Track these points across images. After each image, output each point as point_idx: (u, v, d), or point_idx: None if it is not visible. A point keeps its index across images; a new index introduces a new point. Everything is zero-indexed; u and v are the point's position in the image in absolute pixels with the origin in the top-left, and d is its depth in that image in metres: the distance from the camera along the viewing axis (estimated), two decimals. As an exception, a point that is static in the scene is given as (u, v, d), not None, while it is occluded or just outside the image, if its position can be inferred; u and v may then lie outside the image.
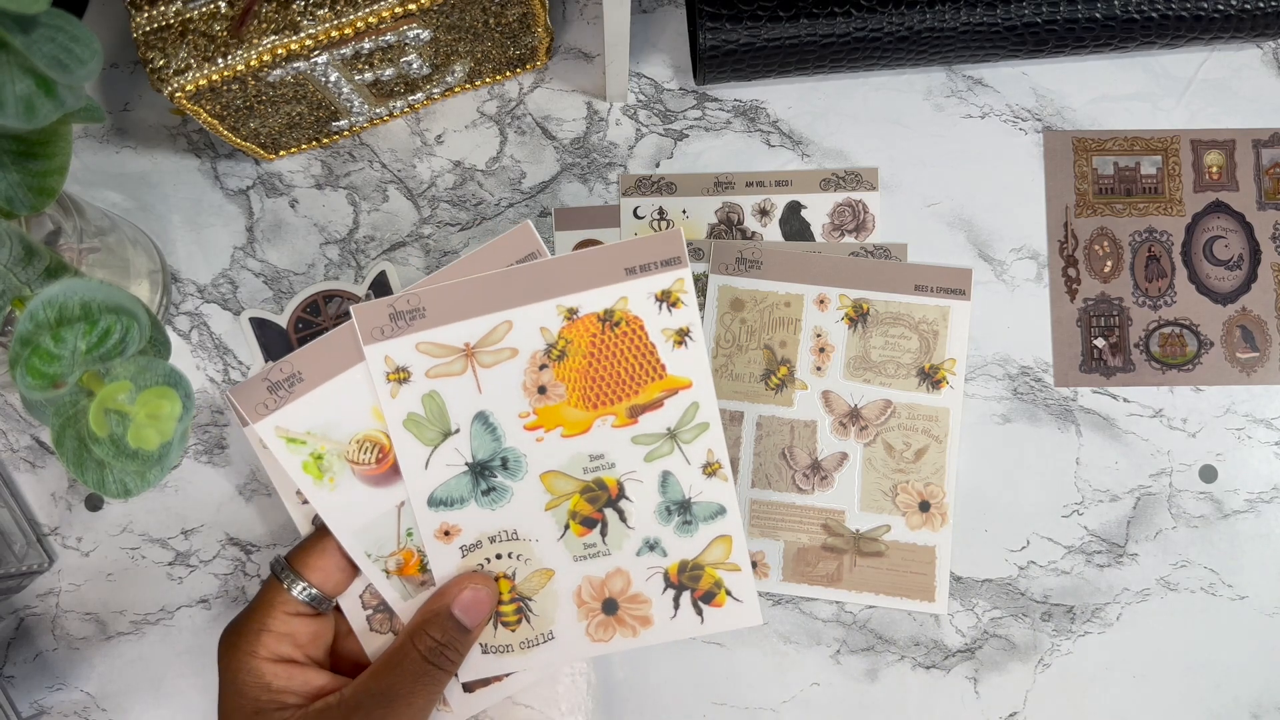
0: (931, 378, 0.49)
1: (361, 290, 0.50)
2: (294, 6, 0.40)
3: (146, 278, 0.48)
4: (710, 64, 0.47)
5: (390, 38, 0.42)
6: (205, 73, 0.40)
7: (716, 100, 0.51)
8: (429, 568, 0.44)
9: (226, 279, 0.50)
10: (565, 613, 0.45)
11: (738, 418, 0.49)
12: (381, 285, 0.50)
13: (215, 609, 0.49)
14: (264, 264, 0.50)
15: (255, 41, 0.39)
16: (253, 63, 0.40)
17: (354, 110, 0.47)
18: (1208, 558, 0.49)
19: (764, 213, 0.51)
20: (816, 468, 0.49)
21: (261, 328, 0.50)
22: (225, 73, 0.40)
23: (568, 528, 0.44)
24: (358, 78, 0.44)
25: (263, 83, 0.42)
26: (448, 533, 0.44)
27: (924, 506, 0.49)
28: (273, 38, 0.40)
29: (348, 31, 0.40)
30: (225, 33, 0.40)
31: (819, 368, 0.50)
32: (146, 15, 0.40)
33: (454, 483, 0.44)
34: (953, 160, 0.51)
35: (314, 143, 0.50)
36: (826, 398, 0.50)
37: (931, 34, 0.47)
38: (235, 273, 0.50)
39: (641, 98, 0.51)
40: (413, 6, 0.40)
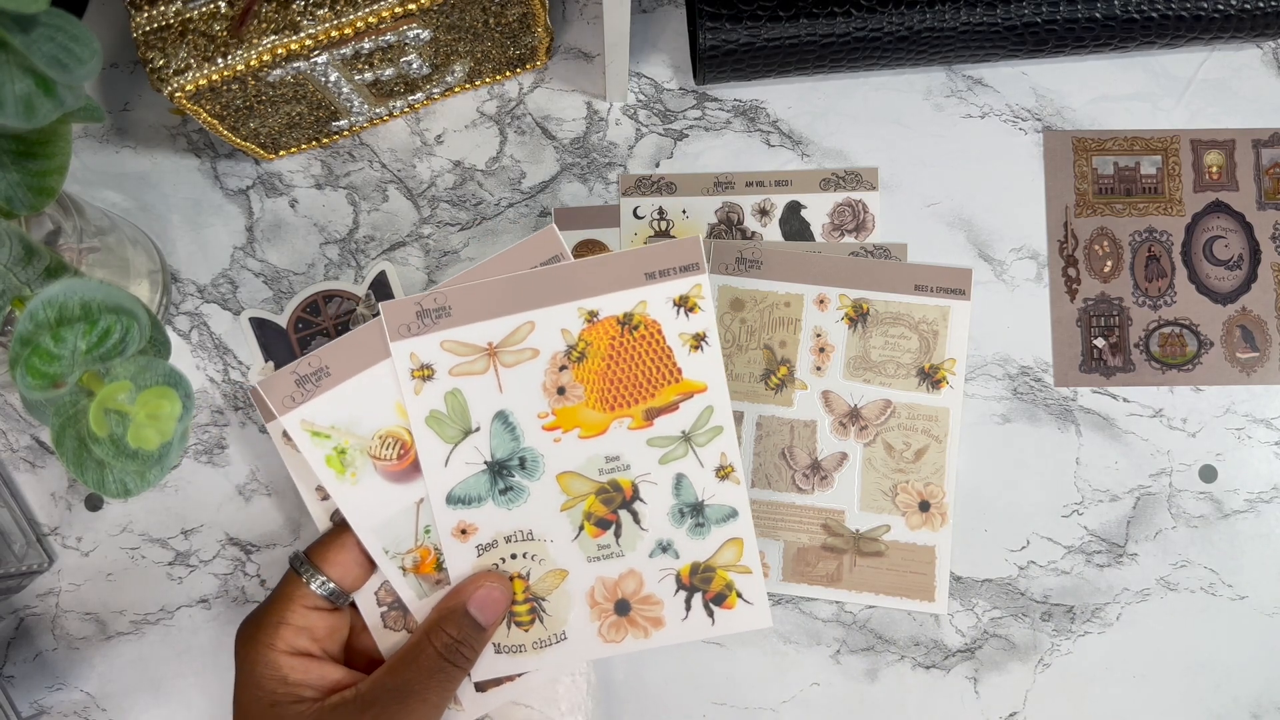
0: (931, 378, 0.49)
1: (361, 290, 0.50)
2: (294, 6, 0.40)
3: (146, 278, 0.48)
4: (710, 64, 0.47)
5: (390, 38, 0.42)
6: (205, 73, 0.40)
7: (716, 100, 0.51)
8: (445, 566, 0.44)
9: (226, 279, 0.50)
10: (578, 613, 0.45)
11: (738, 418, 0.49)
12: (381, 285, 0.50)
13: (215, 609, 0.49)
14: (264, 264, 0.50)
15: (255, 41, 0.39)
16: (253, 63, 0.40)
17: (354, 110, 0.47)
18: (1208, 558, 0.49)
19: (764, 213, 0.51)
20: (816, 468, 0.49)
21: (261, 328, 0.50)
22: (225, 73, 0.40)
23: (582, 529, 0.45)
24: (358, 78, 0.44)
25: (263, 83, 0.42)
26: (464, 531, 0.44)
27: (924, 506, 0.49)
28: (273, 38, 0.40)
29: (348, 31, 0.40)
30: (225, 33, 0.40)
31: (819, 368, 0.50)
32: (146, 15, 0.40)
33: (472, 481, 0.45)
34: (953, 160, 0.51)
35: (314, 143, 0.50)
36: (826, 398, 0.50)
37: (931, 34, 0.47)
38: (235, 273, 0.50)
39: (641, 98, 0.51)
40: (413, 6, 0.40)
